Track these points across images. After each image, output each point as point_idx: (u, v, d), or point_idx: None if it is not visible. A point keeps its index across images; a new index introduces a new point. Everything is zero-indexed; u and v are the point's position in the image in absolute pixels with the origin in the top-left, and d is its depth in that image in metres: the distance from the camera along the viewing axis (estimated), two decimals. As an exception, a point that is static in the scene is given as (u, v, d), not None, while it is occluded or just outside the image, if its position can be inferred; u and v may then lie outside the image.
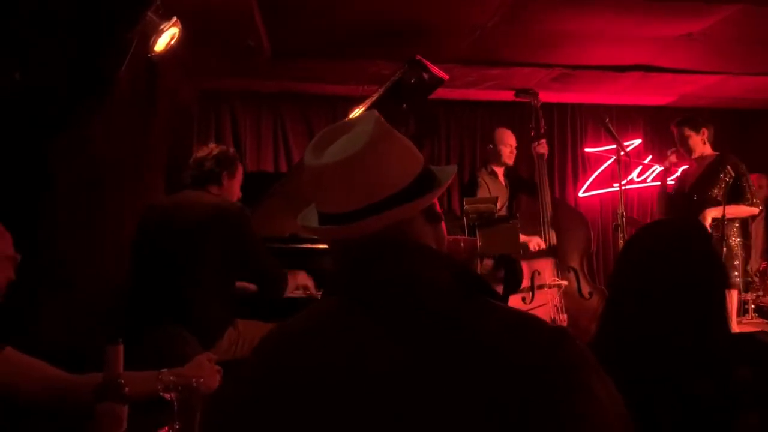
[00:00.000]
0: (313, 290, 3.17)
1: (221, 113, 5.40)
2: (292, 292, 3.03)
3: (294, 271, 3.13)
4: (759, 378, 1.33)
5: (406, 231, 0.96)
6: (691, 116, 4.16)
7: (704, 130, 4.03)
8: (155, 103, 3.82)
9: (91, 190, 2.93)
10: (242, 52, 4.17)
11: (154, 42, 3.01)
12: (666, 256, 1.42)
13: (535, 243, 4.43)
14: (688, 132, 4.03)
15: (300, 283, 3.14)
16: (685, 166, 4.39)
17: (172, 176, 4.15)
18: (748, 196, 3.87)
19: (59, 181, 2.62)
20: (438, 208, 1.04)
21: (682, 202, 4.04)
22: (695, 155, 4.06)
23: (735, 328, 3.73)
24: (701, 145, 4.04)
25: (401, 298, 0.88)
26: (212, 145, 2.91)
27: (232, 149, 2.98)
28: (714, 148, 4.09)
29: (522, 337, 0.83)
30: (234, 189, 2.90)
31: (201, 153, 2.86)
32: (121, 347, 1.34)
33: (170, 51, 3.10)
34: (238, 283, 2.91)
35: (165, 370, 1.61)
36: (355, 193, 0.94)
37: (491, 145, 4.61)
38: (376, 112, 1.00)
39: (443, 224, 1.04)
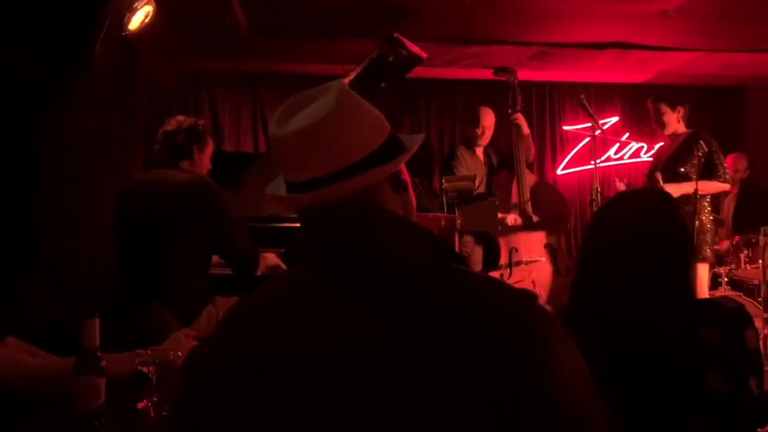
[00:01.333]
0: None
1: (199, 93, 5.36)
2: (271, 270, 3.03)
3: (275, 249, 3.14)
4: (723, 339, 1.37)
5: (373, 199, 0.96)
6: (669, 94, 4.19)
7: (680, 108, 4.07)
8: (133, 84, 3.79)
9: (70, 171, 2.91)
10: (219, 32, 4.13)
11: (129, 20, 2.98)
12: (635, 222, 1.46)
13: (512, 218, 4.47)
14: (664, 108, 4.06)
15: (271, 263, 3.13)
16: (660, 144, 4.45)
17: (151, 156, 4.12)
18: (720, 172, 3.92)
19: (38, 161, 2.60)
20: (406, 176, 1.04)
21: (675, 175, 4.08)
22: (668, 132, 4.11)
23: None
24: (675, 122, 4.07)
25: (373, 268, 0.89)
26: (180, 118, 2.87)
27: (201, 121, 2.94)
28: (688, 126, 4.13)
29: (484, 298, 0.85)
30: (204, 162, 2.87)
31: (170, 126, 2.82)
32: (97, 321, 1.35)
33: (146, 30, 3.07)
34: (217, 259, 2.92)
35: (142, 350, 1.62)
36: (320, 160, 0.93)
37: (470, 124, 4.66)
38: (341, 81, 1.00)
39: (411, 193, 1.05)
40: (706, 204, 3.99)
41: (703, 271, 3.93)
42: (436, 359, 0.79)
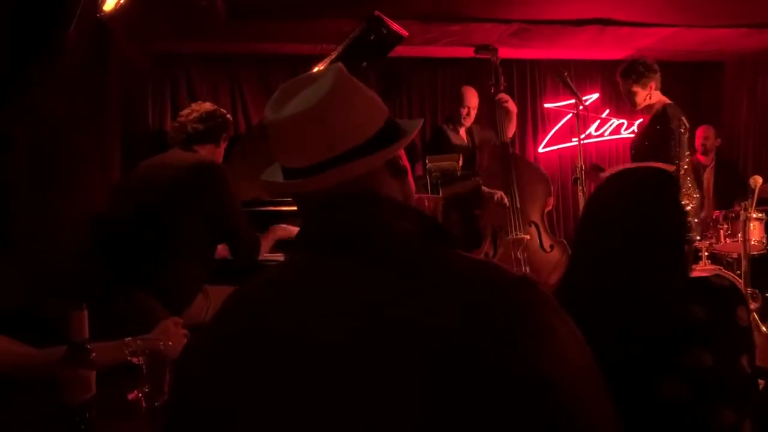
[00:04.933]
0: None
1: (176, 76, 5.26)
2: (262, 256, 3.01)
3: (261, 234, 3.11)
4: (712, 318, 1.38)
5: (371, 184, 0.95)
6: (636, 68, 3.99)
7: (652, 84, 3.95)
8: (107, 67, 3.71)
9: (45, 155, 2.85)
10: (196, 13, 4.05)
11: (103, 1, 2.91)
12: (633, 201, 1.45)
13: (499, 195, 4.48)
14: (635, 88, 3.95)
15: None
16: (641, 120, 4.46)
17: (127, 140, 4.06)
18: (671, 154, 3.83)
19: (11, 146, 2.54)
20: (405, 161, 1.03)
21: (637, 153, 4.10)
22: (640, 107, 4.03)
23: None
24: (646, 98, 3.97)
25: (365, 249, 0.88)
26: (211, 104, 2.96)
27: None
28: (665, 93, 4.04)
29: (484, 281, 0.84)
30: (222, 152, 2.94)
31: (208, 108, 2.87)
32: (85, 312, 1.33)
33: (121, 12, 3.00)
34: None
35: (130, 338, 1.60)
36: (317, 146, 0.92)
37: (455, 104, 4.66)
38: (339, 65, 0.99)
39: (410, 178, 1.04)
40: (689, 182, 4.00)
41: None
42: (434, 345, 0.77)
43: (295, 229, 3.02)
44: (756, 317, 3.70)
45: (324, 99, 0.92)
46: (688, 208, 3.93)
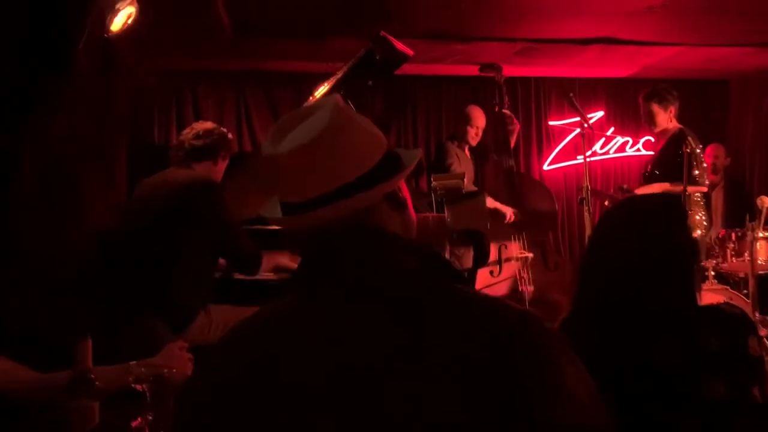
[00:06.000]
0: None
1: (182, 93, 5.28)
2: (262, 274, 3.00)
3: (270, 252, 3.10)
4: (724, 348, 1.37)
5: (371, 218, 0.94)
6: (659, 91, 4.15)
7: (672, 107, 4.08)
8: (114, 85, 3.72)
9: (52, 173, 2.85)
10: (202, 31, 4.07)
11: (111, 21, 2.92)
12: (642, 229, 1.44)
13: (511, 213, 4.48)
14: (656, 109, 4.07)
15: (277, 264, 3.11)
16: (646, 138, 4.47)
17: (134, 158, 4.06)
18: (697, 173, 3.93)
19: (19, 165, 2.54)
20: (406, 192, 1.02)
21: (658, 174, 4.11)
22: (658, 130, 4.13)
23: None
24: (667, 122, 4.09)
25: (365, 287, 0.87)
26: (209, 123, 2.93)
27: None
28: (679, 120, 4.14)
29: (488, 319, 0.83)
30: (222, 171, 2.91)
31: (206, 126, 2.85)
32: (90, 342, 1.31)
33: (128, 30, 3.01)
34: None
35: (134, 362, 1.58)
36: (314, 181, 0.91)
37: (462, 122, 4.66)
38: (336, 97, 0.97)
39: (411, 210, 1.03)
40: (699, 205, 4.01)
41: None
42: (437, 381, 0.77)
43: (294, 264, 3.03)
44: (766, 344, 3.67)
45: (321, 133, 0.91)
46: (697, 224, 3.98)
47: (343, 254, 0.90)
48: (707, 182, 4.04)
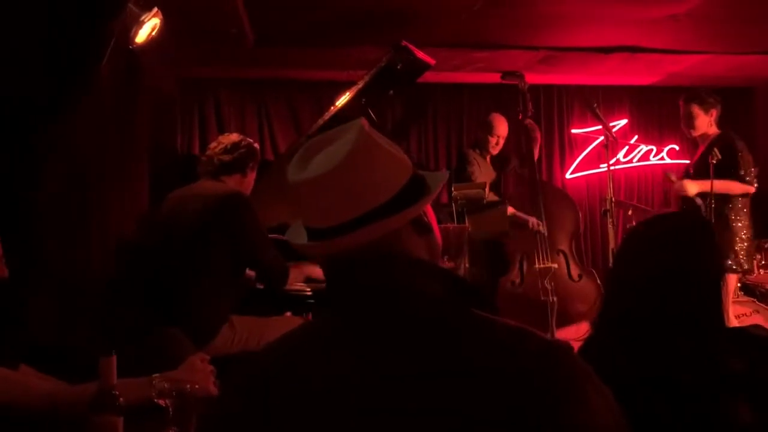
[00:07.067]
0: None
1: (205, 102, 5.32)
2: (296, 285, 2.99)
3: (300, 263, 3.09)
4: (752, 370, 1.34)
5: (396, 244, 0.93)
6: (700, 94, 3.98)
7: (713, 111, 3.92)
8: (137, 94, 3.76)
9: (76, 185, 2.88)
10: (225, 41, 4.10)
11: (135, 33, 2.95)
12: (670, 249, 1.42)
13: (534, 222, 4.44)
14: (697, 111, 3.90)
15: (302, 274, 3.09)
16: (671, 146, 4.38)
17: (156, 167, 4.09)
18: (742, 173, 3.80)
19: (43, 176, 2.57)
20: (431, 216, 1.01)
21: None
22: (697, 134, 3.97)
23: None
24: (707, 126, 3.93)
25: (388, 312, 0.87)
26: (236, 135, 2.94)
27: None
28: (719, 126, 3.99)
29: (514, 349, 0.82)
30: (251, 183, 2.93)
31: (234, 139, 2.87)
32: (114, 358, 1.32)
33: (152, 41, 3.04)
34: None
35: (157, 375, 1.59)
36: (339, 207, 0.91)
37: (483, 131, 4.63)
38: (361, 121, 0.97)
39: (437, 233, 1.02)
40: (742, 211, 3.87)
41: (730, 282, 3.78)
42: (463, 413, 0.76)
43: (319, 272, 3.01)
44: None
45: (345, 159, 0.90)
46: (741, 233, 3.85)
47: (369, 281, 0.90)
48: (756, 184, 3.85)
